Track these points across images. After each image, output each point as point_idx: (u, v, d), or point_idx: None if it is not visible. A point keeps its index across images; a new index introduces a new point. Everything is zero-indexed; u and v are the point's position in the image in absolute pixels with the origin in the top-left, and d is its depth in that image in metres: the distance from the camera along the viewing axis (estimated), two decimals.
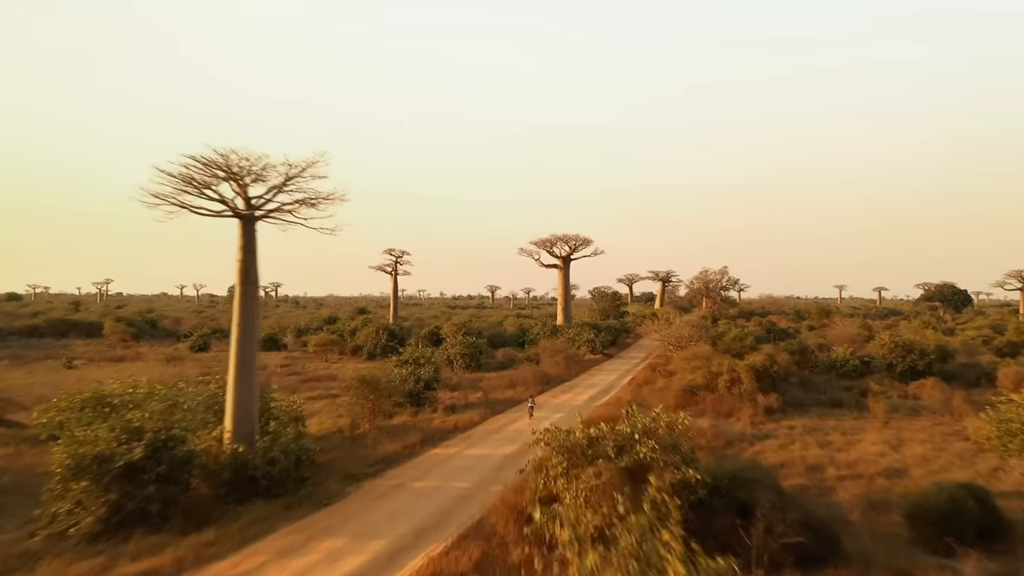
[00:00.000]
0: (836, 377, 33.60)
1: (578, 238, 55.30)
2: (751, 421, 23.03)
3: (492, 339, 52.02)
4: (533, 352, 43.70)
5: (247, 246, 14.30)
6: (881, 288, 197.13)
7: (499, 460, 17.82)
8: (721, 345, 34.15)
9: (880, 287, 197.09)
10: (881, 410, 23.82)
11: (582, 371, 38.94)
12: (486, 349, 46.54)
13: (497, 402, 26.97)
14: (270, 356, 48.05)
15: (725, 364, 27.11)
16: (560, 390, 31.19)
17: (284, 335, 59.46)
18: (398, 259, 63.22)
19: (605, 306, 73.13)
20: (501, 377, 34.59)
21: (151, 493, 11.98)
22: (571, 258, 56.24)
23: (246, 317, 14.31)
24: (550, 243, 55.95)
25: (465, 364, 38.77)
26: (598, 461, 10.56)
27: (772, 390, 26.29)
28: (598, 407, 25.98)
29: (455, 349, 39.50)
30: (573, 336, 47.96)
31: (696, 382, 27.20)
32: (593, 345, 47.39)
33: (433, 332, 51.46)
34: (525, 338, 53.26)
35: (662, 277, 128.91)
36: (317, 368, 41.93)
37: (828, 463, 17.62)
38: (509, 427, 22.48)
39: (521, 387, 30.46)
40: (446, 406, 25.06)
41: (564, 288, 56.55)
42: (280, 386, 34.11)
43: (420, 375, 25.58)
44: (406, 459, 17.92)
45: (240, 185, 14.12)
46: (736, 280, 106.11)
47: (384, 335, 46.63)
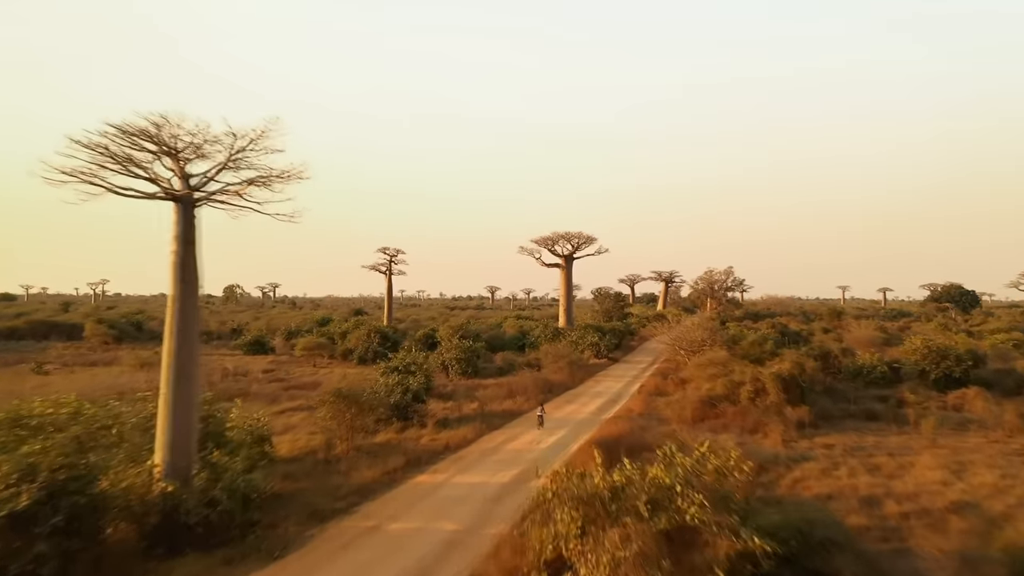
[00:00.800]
0: (863, 385, 30.90)
1: (581, 236, 52.60)
2: (782, 439, 20.28)
3: (491, 342, 49.32)
4: (534, 357, 41.00)
5: (185, 235, 11.57)
6: (886, 289, 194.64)
7: (496, 490, 15.08)
8: (738, 350, 31.44)
9: (885, 288, 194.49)
10: (929, 426, 21.09)
11: (587, 377, 36.21)
12: (484, 353, 43.82)
13: (495, 415, 24.23)
14: (255, 360, 45.38)
15: (748, 373, 24.38)
16: (564, 399, 28.46)
17: (273, 338, 56.74)
18: (392, 258, 60.43)
19: (608, 307, 70.37)
20: (500, 385, 31.87)
21: (43, 551, 9.26)
22: (574, 257, 53.53)
23: (183, 322, 11.57)
24: (552, 241, 53.24)
25: (461, 370, 36.06)
26: (625, 520, 7.81)
27: (801, 402, 23.57)
28: (608, 421, 23.24)
29: (450, 354, 36.79)
30: (576, 339, 45.24)
31: (715, 392, 24.47)
32: (598, 349, 44.67)
33: (428, 335, 48.72)
34: (525, 341, 50.52)
35: (665, 277, 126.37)
36: (303, 374, 39.22)
37: (884, 494, 14.90)
38: (508, 446, 19.75)
39: (521, 397, 27.73)
40: (437, 420, 22.32)
41: (566, 288, 53.82)
42: (260, 394, 31.47)
43: (408, 385, 22.84)
44: (385, 489, 15.18)
45: (176, 161, 11.44)
46: (741, 280, 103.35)
47: (376, 338, 43.91)
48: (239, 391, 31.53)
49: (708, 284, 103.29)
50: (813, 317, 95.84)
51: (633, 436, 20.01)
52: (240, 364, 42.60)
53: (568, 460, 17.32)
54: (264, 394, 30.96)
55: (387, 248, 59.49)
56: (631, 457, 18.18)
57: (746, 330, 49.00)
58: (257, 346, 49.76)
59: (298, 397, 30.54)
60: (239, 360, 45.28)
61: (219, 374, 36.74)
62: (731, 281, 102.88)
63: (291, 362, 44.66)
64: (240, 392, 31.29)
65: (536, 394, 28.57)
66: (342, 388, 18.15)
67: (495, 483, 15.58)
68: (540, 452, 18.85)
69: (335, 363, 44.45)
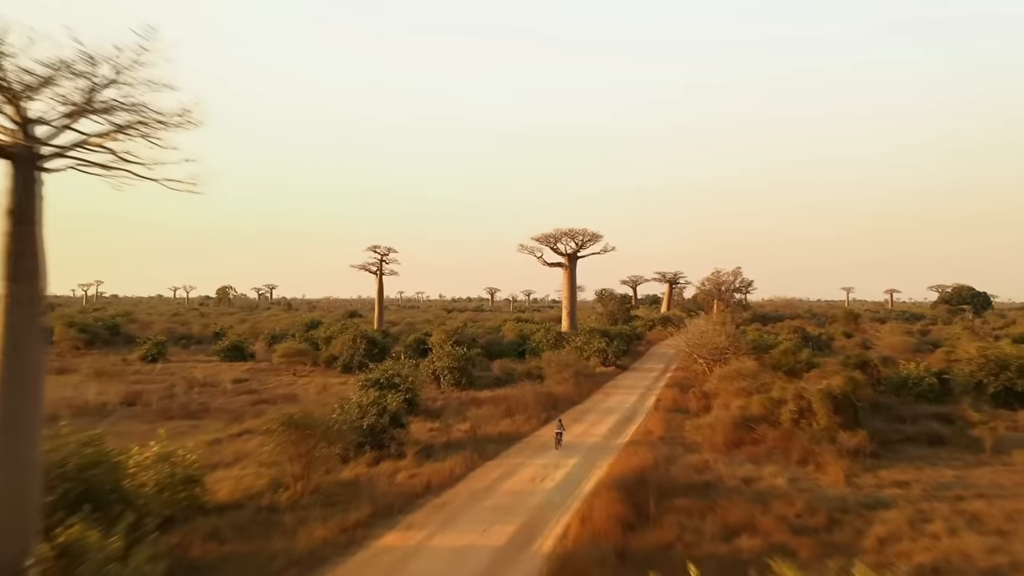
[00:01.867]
0: (910, 399, 27.13)
1: (585, 233, 48.81)
2: (844, 474, 16.45)
3: (488, 348, 45.54)
4: (535, 365, 37.19)
5: (20, 208, 7.75)
6: (892, 290, 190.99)
7: (487, 561, 11.26)
8: (768, 360, 27.67)
9: (891, 289, 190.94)
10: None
11: (595, 389, 32.41)
12: (480, 361, 40.02)
13: (489, 440, 20.41)
14: (231, 368, 41.58)
15: (789, 389, 20.57)
16: (571, 417, 24.66)
17: (254, 343, 52.94)
18: (383, 257, 56.57)
19: (613, 309, 66.56)
20: (496, 399, 28.08)
21: None
22: (578, 256, 49.67)
23: (14, 338, 7.65)
24: (554, 239, 49.42)
25: (454, 381, 32.28)
26: None
27: (856, 425, 19.76)
28: (625, 448, 19.40)
29: (442, 363, 32.99)
30: (581, 345, 41.45)
31: (751, 412, 20.67)
32: (605, 356, 40.86)
33: (420, 340, 44.92)
34: (525, 347, 46.74)
35: (669, 279, 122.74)
36: (280, 384, 35.43)
37: (1009, 566, 11.12)
38: (505, 484, 15.92)
39: (521, 415, 23.92)
40: (420, 448, 18.47)
41: (570, 289, 49.99)
42: (223, 411, 27.64)
43: (386, 405, 19.03)
44: (338, 558, 11.35)
45: (12, 102, 7.68)
46: (750, 282, 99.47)
47: (361, 344, 40.08)
48: (199, 407, 27.77)
49: (715, 285, 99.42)
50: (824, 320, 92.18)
51: (659, 470, 16.22)
52: (212, 373, 38.81)
53: (582, 509, 13.52)
54: (227, 410, 27.15)
55: (377, 247, 55.75)
56: (661, 502, 14.50)
57: (765, 335, 45.24)
58: (235, 352, 45.95)
59: (267, 413, 26.73)
60: (213, 368, 41.47)
61: (183, 385, 32.92)
62: (739, 282, 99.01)
63: (269, 370, 40.85)
64: (200, 408, 27.54)
65: (538, 411, 24.78)
66: (295, 414, 14.29)
67: (487, 548, 11.75)
68: (545, 494, 15.04)
69: (318, 371, 40.67)
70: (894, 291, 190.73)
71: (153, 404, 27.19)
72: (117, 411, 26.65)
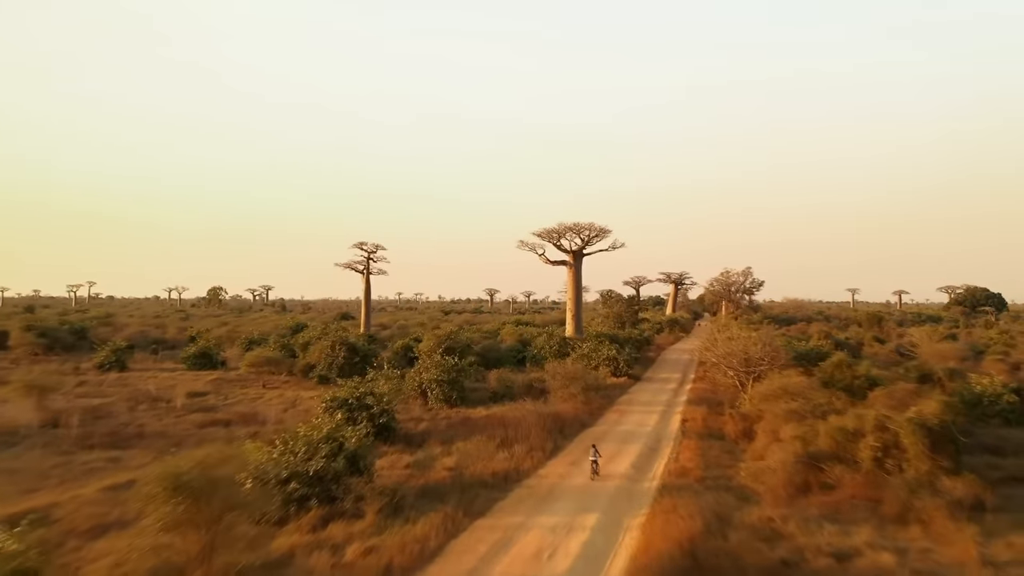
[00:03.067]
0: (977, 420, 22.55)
1: (592, 228, 44.08)
2: (973, 543, 11.82)
3: (484, 355, 40.92)
4: (537, 377, 32.57)
5: None
6: (901, 291, 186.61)
7: None
8: (819, 374, 23.06)
9: (900, 290, 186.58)
10: None
11: (607, 406, 27.78)
12: (475, 371, 35.42)
13: (480, 483, 15.73)
14: (196, 378, 36.94)
15: (868, 418, 15.95)
16: (583, 447, 20.03)
17: (227, 348, 48.33)
18: (371, 255, 51.82)
19: (620, 312, 61.86)
20: (491, 420, 23.52)
21: None
22: (583, 253, 44.94)
23: None
24: (558, 234, 44.69)
25: (443, 396, 27.66)
26: None
27: (957, 465, 15.15)
28: (661, 503, 14.66)
29: (430, 374, 28.37)
30: (589, 352, 36.83)
31: (819, 448, 16.05)
32: (615, 365, 36.21)
33: (407, 347, 40.31)
34: (526, 354, 42.14)
35: (675, 279, 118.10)
36: (244, 398, 30.82)
37: None
38: (497, 567, 11.23)
39: (521, 445, 19.26)
40: (386, 501, 13.77)
41: (575, 290, 45.29)
42: (163, 435, 22.97)
43: (343, 442, 14.41)
44: None
45: None
46: (761, 282, 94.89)
47: (341, 351, 35.46)
48: (135, 431, 23.11)
49: (724, 286, 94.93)
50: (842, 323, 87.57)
51: (713, 542, 11.59)
52: (171, 384, 34.19)
53: None
54: (168, 435, 22.52)
55: (364, 243, 50.97)
56: None
57: (793, 340, 40.64)
58: (203, 360, 41.28)
59: (214, 439, 22.10)
60: (175, 378, 36.83)
61: (126, 402, 28.30)
62: (749, 283, 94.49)
63: (238, 381, 36.18)
64: (133, 433, 22.86)
65: (542, 439, 20.14)
66: (182, 473, 9.63)
67: None
68: None
69: (293, 382, 36.05)
70: (902, 292, 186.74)
71: (74, 428, 22.51)
72: (32, 436, 22.01)
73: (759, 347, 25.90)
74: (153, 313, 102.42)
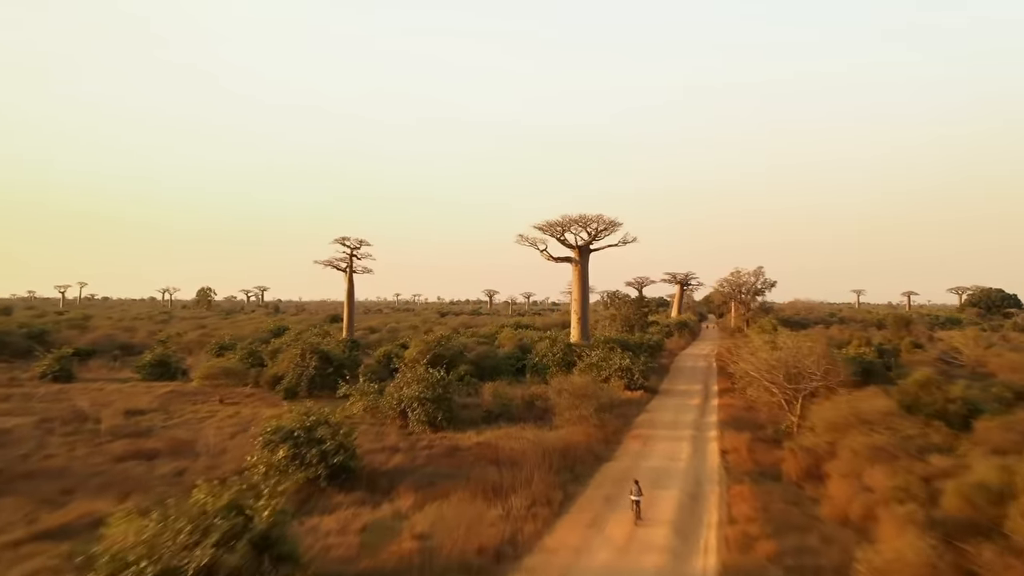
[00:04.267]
0: None
1: (601, 220, 39.16)
2: None
3: (479, 363, 36.16)
4: (539, 391, 27.69)
5: None
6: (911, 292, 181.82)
7: None
8: (897, 395, 18.24)
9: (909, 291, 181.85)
10: None
11: (623, 429, 22.99)
12: (467, 384, 30.68)
13: (456, 571, 10.87)
14: (147, 391, 32.12)
15: (1020, 472, 11.13)
16: (602, 492, 15.19)
17: (195, 354, 43.53)
18: (354, 251, 46.82)
19: (628, 314, 56.96)
20: (483, 453, 18.79)
21: None
22: (591, 248, 40.02)
23: None
24: (561, 228, 39.78)
25: (426, 417, 22.84)
26: None
27: None
28: None
29: (411, 390, 23.56)
30: (598, 362, 32.01)
31: (945, 512, 11.25)
32: (630, 377, 31.38)
33: (390, 354, 35.48)
34: (526, 361, 37.34)
35: (680, 280, 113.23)
36: (193, 418, 26.01)
37: None
38: None
39: (520, 495, 14.42)
40: None
41: (581, 290, 40.34)
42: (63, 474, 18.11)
43: (251, 515, 9.59)
44: None
45: None
46: (773, 283, 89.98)
47: (312, 360, 30.62)
48: (27, 469, 18.22)
49: (735, 287, 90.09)
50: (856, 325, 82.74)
51: None
52: (114, 399, 29.40)
53: None
54: (71, 473, 17.69)
55: (346, 238, 45.96)
56: None
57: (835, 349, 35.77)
58: (160, 369, 36.42)
59: (126, 479, 17.27)
60: (122, 391, 32.02)
61: (44, 424, 23.48)
62: (760, 283, 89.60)
63: (195, 395, 31.34)
64: (24, 472, 17.97)
65: (547, 483, 15.33)
66: None
67: None
68: None
69: (257, 395, 31.23)
70: (912, 293, 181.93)
71: None
72: None
73: (812, 359, 21.05)
74: (134, 315, 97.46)
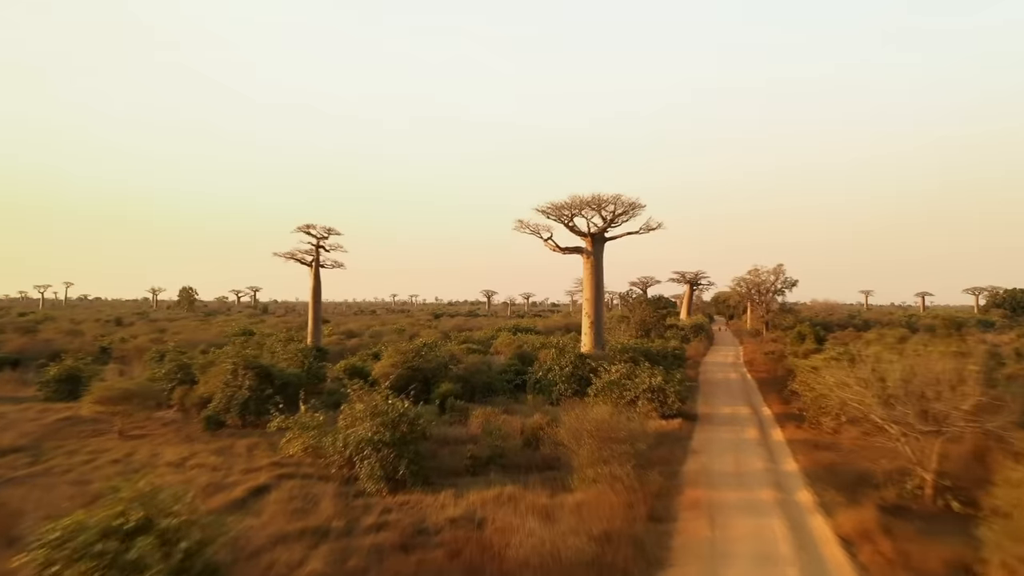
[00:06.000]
0: None
1: (619, 202, 31.55)
2: None
3: (468, 378, 28.89)
4: (547, 426, 20.22)
5: None
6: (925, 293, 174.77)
7: None
8: None
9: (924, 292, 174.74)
10: None
11: (672, 492, 15.64)
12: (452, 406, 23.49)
13: None
14: (39, 416, 24.85)
15: None
16: None
17: (131, 365, 36.21)
18: (320, 241, 39.25)
19: (644, 317, 49.48)
20: (458, 547, 11.43)
21: None
22: (606, 236, 32.45)
23: None
24: (570, 211, 32.25)
25: (382, 472, 15.48)
26: None
27: None
28: None
29: (363, 429, 16.19)
30: (619, 379, 24.69)
31: None
32: (663, 400, 24.04)
33: (354, 369, 28.08)
34: (527, 376, 30.03)
35: (689, 279, 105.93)
36: (72, 458, 18.70)
37: None
38: None
39: None
40: None
41: (594, 287, 32.61)
42: None
43: None
44: None
45: None
46: (795, 281, 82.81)
47: (247, 379, 23.24)
48: None
49: (753, 286, 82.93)
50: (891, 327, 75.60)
51: None
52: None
53: None
54: None
55: (312, 227, 38.26)
56: None
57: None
58: (67, 385, 29.05)
59: None
60: (3, 416, 24.70)
61: None
62: (782, 282, 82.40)
63: (99, 421, 23.94)
64: None
65: None
66: None
67: None
68: None
69: (177, 424, 23.93)
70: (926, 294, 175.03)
71: None
72: None
73: (966, 389, 13.73)
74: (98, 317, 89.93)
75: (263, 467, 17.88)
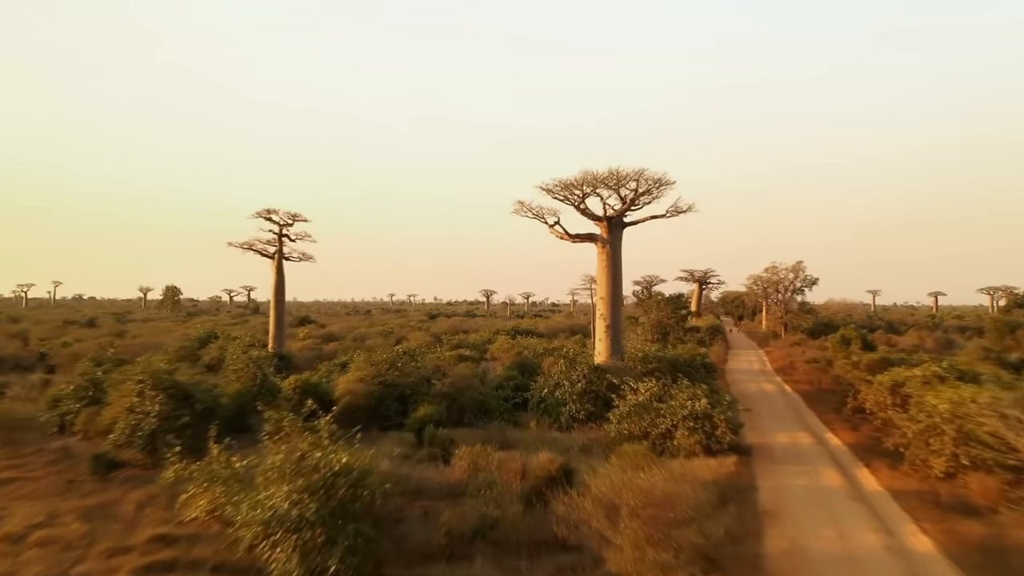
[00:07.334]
0: None
1: (642, 178, 25.58)
2: None
3: (457, 395, 23.09)
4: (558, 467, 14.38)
5: None
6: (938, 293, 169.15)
7: None
8: None
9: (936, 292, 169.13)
10: None
11: None
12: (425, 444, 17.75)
13: None
14: None
15: None
16: None
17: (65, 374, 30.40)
18: (284, 228, 33.27)
19: (662, 318, 43.61)
20: None
21: None
22: (626, 221, 26.39)
23: None
24: (581, 192, 26.22)
25: (303, 572, 9.64)
26: None
27: None
28: None
29: (276, 500, 10.34)
30: (648, 403, 18.87)
31: None
32: (709, 432, 18.19)
33: (310, 387, 22.19)
34: (529, 393, 24.24)
35: (698, 278, 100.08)
36: None
37: None
38: None
39: None
40: None
41: (610, 282, 26.42)
42: None
43: None
44: None
45: None
46: (815, 280, 76.95)
47: (157, 402, 17.40)
48: None
49: (771, 285, 77.13)
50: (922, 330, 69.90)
51: None
52: None
53: None
54: None
55: (273, 211, 32.28)
56: None
57: None
58: None
59: None
60: None
61: None
62: (801, 281, 76.57)
63: None
64: None
65: None
66: None
67: None
68: None
69: (68, 460, 18.13)
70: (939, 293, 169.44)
71: None
72: None
73: None
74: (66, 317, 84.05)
75: (138, 545, 12.07)
